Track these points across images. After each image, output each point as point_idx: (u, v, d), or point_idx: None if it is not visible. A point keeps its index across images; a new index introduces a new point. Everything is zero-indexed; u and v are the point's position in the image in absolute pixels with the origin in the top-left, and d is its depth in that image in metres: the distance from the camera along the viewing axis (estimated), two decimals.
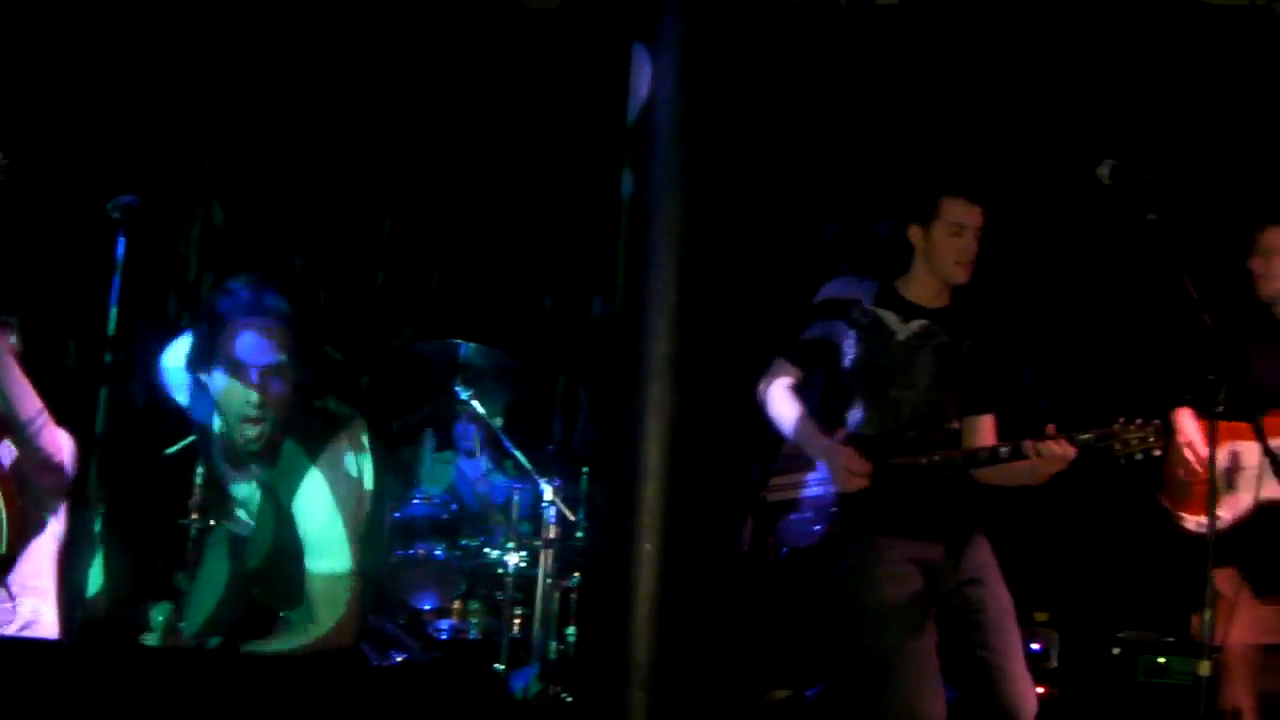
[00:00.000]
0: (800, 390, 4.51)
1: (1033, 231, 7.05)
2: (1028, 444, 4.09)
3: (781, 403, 4.48)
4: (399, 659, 5.62)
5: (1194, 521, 4.62)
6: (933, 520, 4.28)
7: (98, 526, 4.02)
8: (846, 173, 7.55)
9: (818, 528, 4.33)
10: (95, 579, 4.33)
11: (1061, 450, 4.04)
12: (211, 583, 4.17)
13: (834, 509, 4.30)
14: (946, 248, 4.31)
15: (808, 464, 4.41)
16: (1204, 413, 4.27)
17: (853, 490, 4.24)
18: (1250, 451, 4.51)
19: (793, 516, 4.40)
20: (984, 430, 4.41)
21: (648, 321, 3.71)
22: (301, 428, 3.83)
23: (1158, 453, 4.00)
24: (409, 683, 5.43)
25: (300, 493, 3.79)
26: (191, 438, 6.10)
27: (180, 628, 4.14)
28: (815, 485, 4.38)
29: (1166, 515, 4.78)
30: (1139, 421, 4.01)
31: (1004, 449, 4.18)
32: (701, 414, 3.75)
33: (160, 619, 4.13)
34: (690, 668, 3.73)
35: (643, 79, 3.83)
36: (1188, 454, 4.59)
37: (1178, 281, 3.91)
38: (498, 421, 6.49)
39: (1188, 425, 4.61)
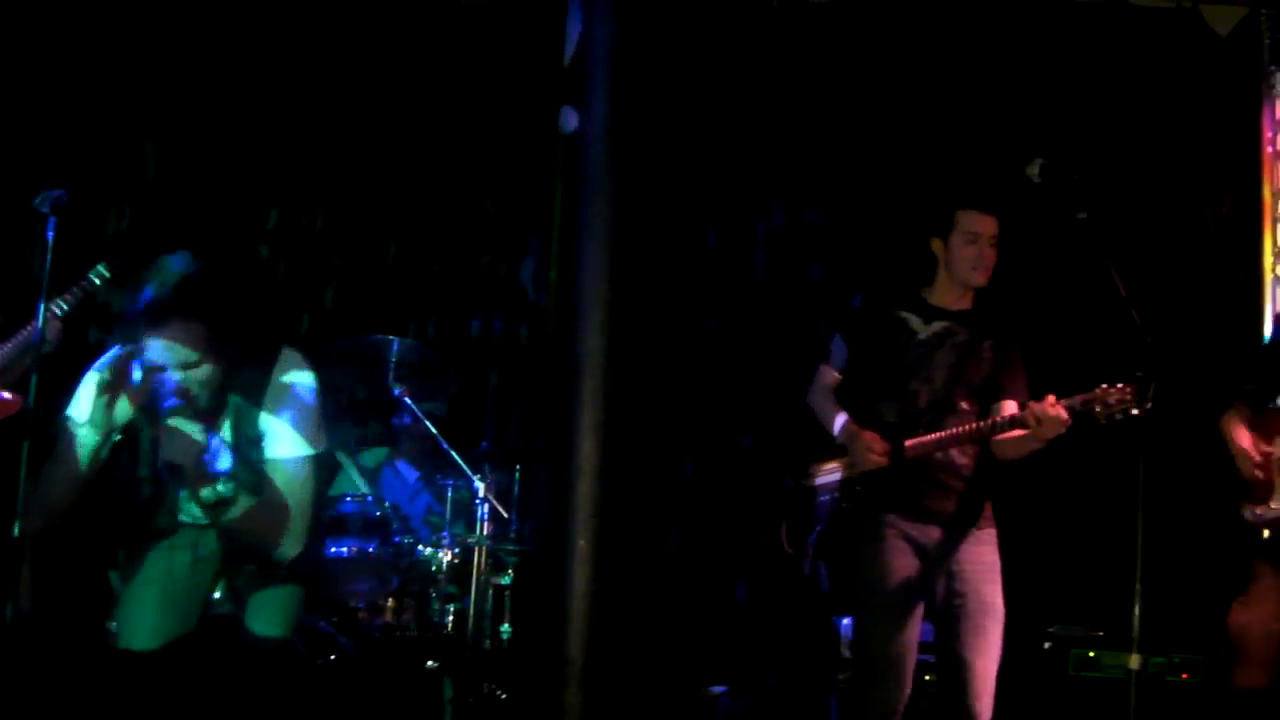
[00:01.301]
0: (840, 391, 4.93)
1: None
2: (1028, 413, 4.43)
3: (820, 399, 4.94)
4: (332, 657, 5.59)
5: (1251, 511, 4.89)
6: (940, 503, 4.67)
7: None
8: (778, 168, 7.59)
9: (844, 505, 4.76)
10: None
11: (1056, 413, 4.35)
12: (151, 591, 4.09)
13: (856, 486, 4.73)
14: (963, 255, 4.72)
15: (840, 451, 4.83)
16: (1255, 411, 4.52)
17: (871, 468, 4.65)
18: None
19: (823, 498, 4.85)
20: (1004, 410, 4.71)
21: (581, 316, 3.70)
22: (240, 376, 3.94)
23: (1135, 412, 4.16)
24: (342, 680, 5.42)
25: (261, 411, 3.93)
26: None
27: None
28: (841, 470, 4.82)
29: (1097, 510, 4.88)
30: (1119, 385, 4.20)
31: (1001, 419, 4.55)
32: (635, 410, 3.74)
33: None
34: (625, 664, 3.73)
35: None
36: (1253, 455, 4.92)
37: (1107, 278, 3.95)
38: (437, 408, 6.47)
39: (1240, 431, 4.99)
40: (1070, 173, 4.03)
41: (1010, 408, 4.65)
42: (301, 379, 4.01)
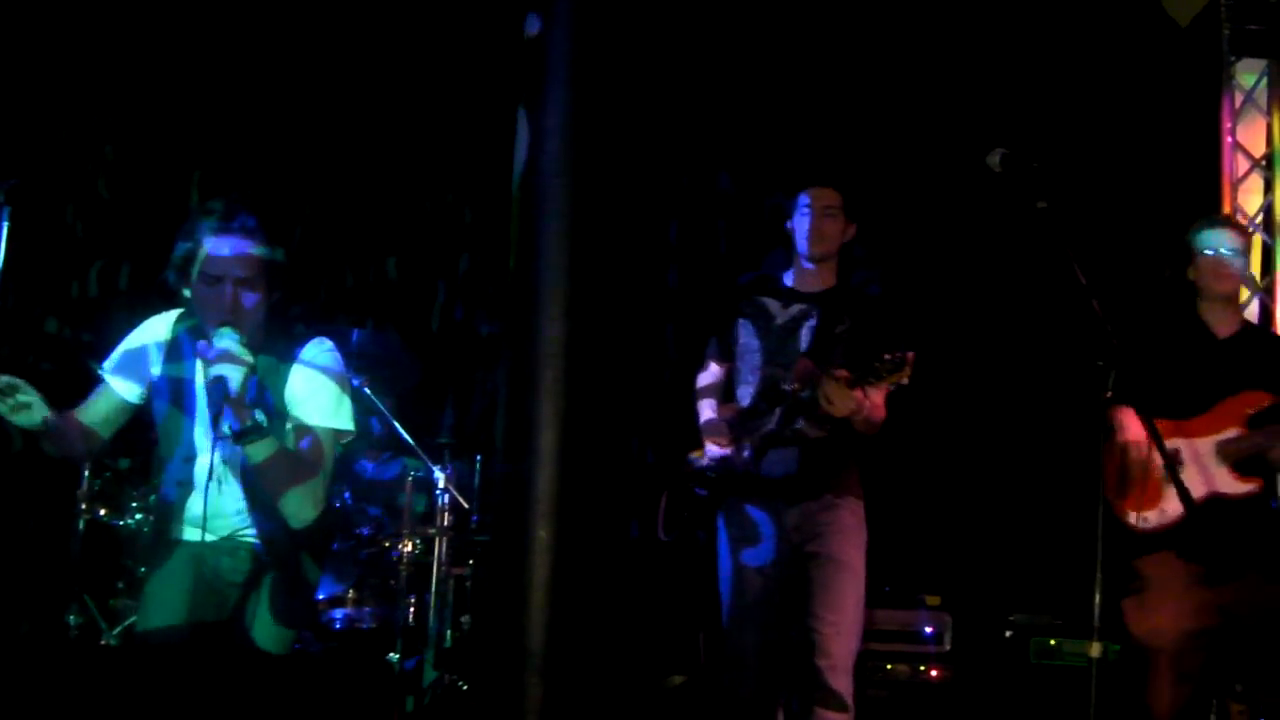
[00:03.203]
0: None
1: (926, 221, 7.12)
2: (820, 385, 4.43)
3: (700, 392, 5.01)
4: (293, 648, 5.56)
5: (1135, 516, 4.67)
6: (788, 478, 4.67)
7: None
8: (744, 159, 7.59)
9: (701, 492, 4.80)
10: None
11: (833, 389, 4.36)
12: (170, 586, 4.07)
13: (709, 474, 4.78)
14: (800, 228, 4.79)
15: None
16: (1143, 413, 4.36)
17: (715, 457, 4.74)
18: (1188, 448, 4.63)
19: (698, 490, 4.83)
20: None
21: (540, 306, 3.69)
22: (271, 345, 4.02)
23: (904, 381, 4.25)
24: (302, 672, 5.38)
25: (287, 385, 4.02)
26: None
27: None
28: (704, 459, 4.85)
29: (1057, 500, 4.86)
30: (897, 355, 4.25)
31: (801, 391, 4.54)
32: (595, 400, 3.73)
33: None
34: (585, 654, 3.72)
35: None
36: (1133, 452, 4.67)
37: (1067, 268, 3.96)
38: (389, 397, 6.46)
39: (1131, 423, 4.66)
40: (1030, 162, 4.03)
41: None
42: (331, 361, 4.10)
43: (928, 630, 6.33)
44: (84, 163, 7.40)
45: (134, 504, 6.15)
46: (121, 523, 6.13)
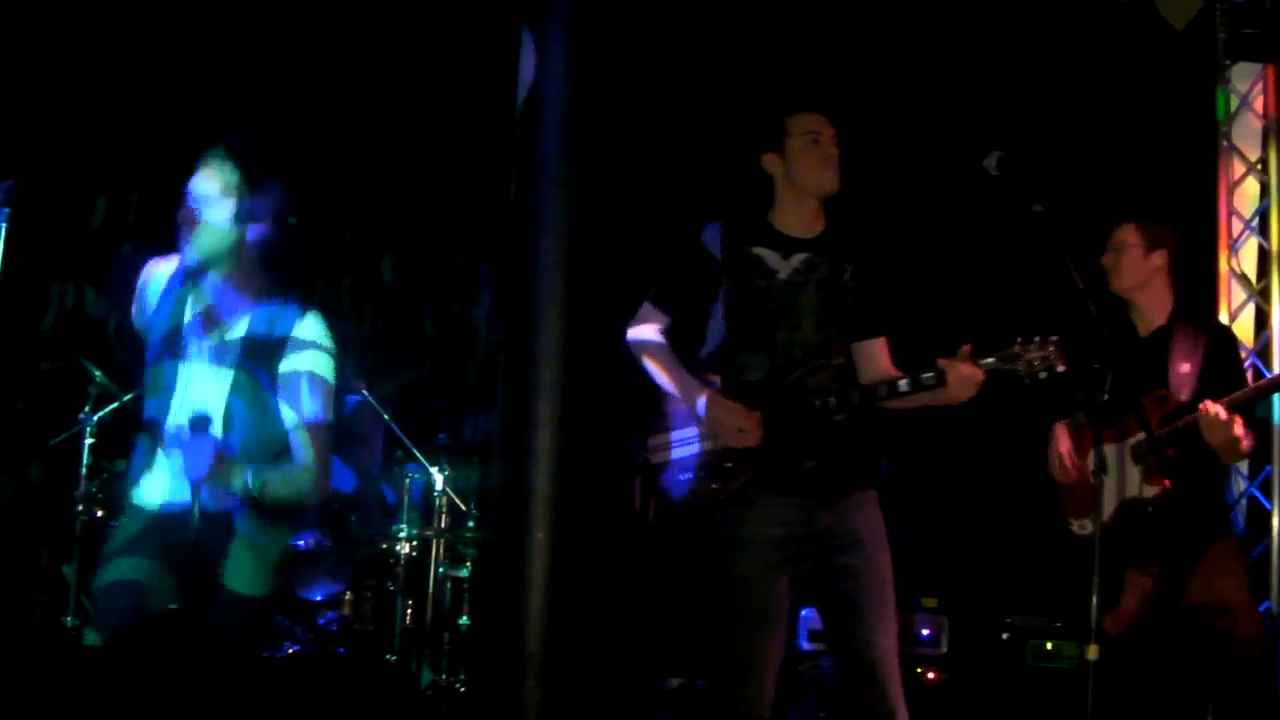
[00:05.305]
0: (673, 335, 4.25)
1: (922, 224, 7.13)
2: (942, 362, 3.98)
3: (655, 352, 4.23)
4: (289, 650, 5.57)
5: (1076, 525, 4.78)
6: (818, 471, 4.06)
7: None
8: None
9: (713, 485, 4.09)
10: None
11: (971, 373, 3.96)
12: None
13: (726, 463, 4.07)
14: (807, 160, 4.15)
15: (688, 418, 4.16)
16: (1092, 420, 4.39)
17: (740, 446, 4.02)
18: (1110, 454, 4.67)
19: (680, 477, 4.15)
20: (877, 355, 4.26)
21: (538, 309, 3.69)
22: (269, 296, 3.97)
23: (1061, 368, 3.94)
24: (300, 674, 5.39)
25: (282, 363, 3.92)
26: (75, 428, 6.05)
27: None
28: (699, 441, 4.14)
29: (1055, 502, 4.89)
30: (1037, 339, 3.97)
31: (904, 382, 4.05)
32: (592, 401, 3.74)
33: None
34: (583, 656, 3.73)
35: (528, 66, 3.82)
36: (1065, 463, 4.80)
37: (1064, 271, 3.96)
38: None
39: (1062, 436, 4.83)
40: (1027, 165, 4.02)
41: (878, 348, 4.22)
42: (327, 343, 4.00)
43: (925, 633, 6.33)
44: (83, 161, 7.40)
45: None
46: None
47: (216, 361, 3.90)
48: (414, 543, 6.13)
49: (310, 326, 3.98)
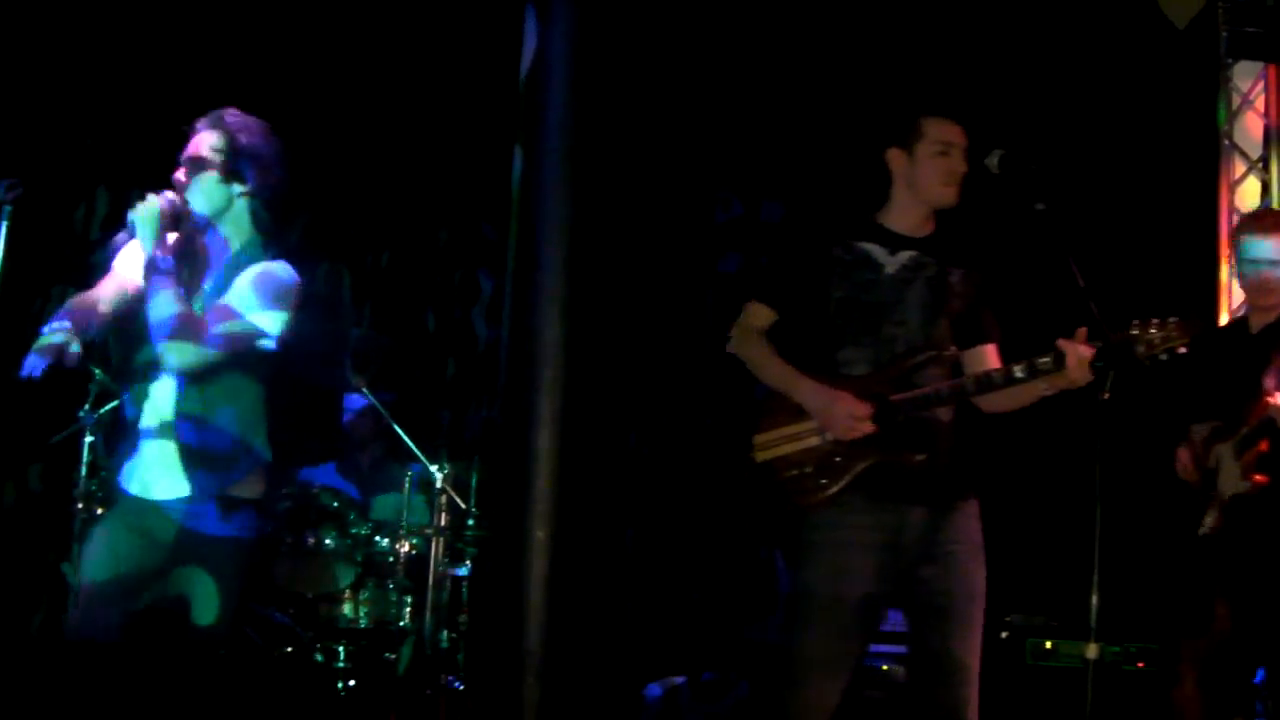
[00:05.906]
0: (778, 334, 4.17)
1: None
2: (1062, 343, 3.83)
3: (759, 349, 4.14)
4: (288, 649, 5.56)
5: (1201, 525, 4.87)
6: (923, 473, 3.95)
7: None
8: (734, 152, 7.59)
9: (823, 481, 3.96)
10: None
11: (1090, 354, 3.78)
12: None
13: (836, 458, 3.95)
14: (933, 168, 4.08)
15: (797, 414, 4.03)
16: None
17: (856, 437, 3.91)
18: (1224, 453, 4.77)
19: (787, 474, 4.01)
20: (988, 359, 4.15)
21: (539, 307, 3.69)
22: (255, 238, 4.01)
23: (1183, 350, 3.74)
24: (299, 673, 5.39)
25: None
26: (75, 426, 6.04)
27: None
28: (808, 436, 4.01)
29: (1055, 499, 4.91)
30: (1155, 320, 3.78)
31: (1019, 368, 3.92)
32: (593, 400, 3.73)
33: None
34: (582, 655, 3.72)
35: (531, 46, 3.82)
36: (1184, 464, 4.94)
37: (1066, 270, 3.95)
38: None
39: (1182, 449, 4.96)
40: (1029, 164, 4.01)
41: (990, 353, 4.14)
42: (282, 273, 3.97)
43: None
44: (83, 161, 7.39)
45: None
46: None
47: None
48: (414, 541, 6.11)
49: (275, 266, 3.97)
